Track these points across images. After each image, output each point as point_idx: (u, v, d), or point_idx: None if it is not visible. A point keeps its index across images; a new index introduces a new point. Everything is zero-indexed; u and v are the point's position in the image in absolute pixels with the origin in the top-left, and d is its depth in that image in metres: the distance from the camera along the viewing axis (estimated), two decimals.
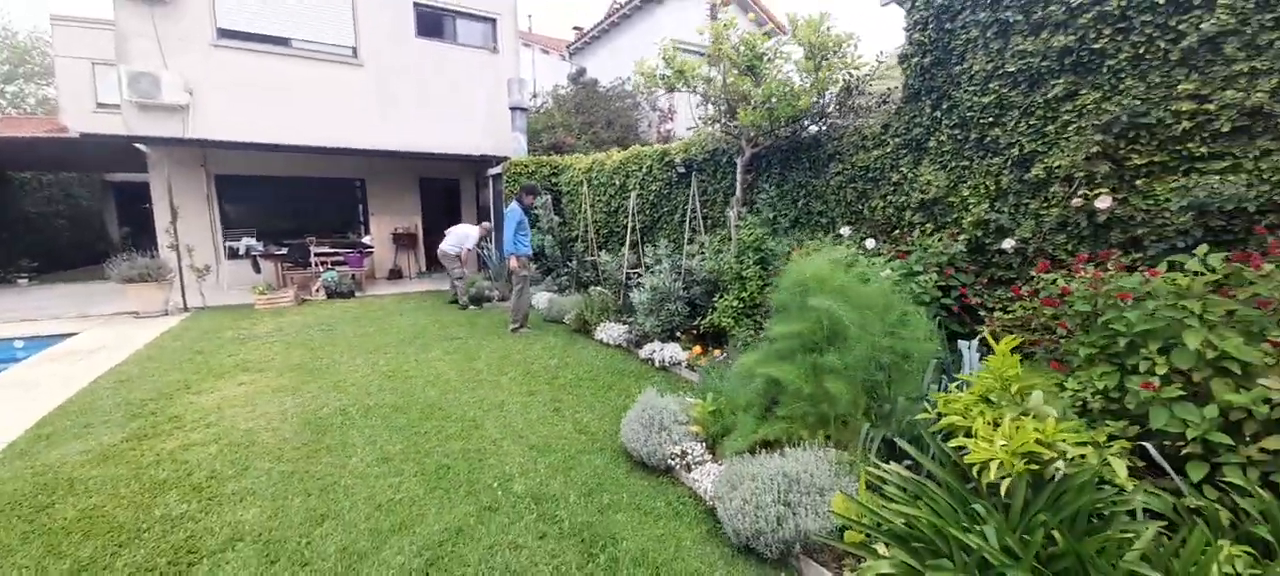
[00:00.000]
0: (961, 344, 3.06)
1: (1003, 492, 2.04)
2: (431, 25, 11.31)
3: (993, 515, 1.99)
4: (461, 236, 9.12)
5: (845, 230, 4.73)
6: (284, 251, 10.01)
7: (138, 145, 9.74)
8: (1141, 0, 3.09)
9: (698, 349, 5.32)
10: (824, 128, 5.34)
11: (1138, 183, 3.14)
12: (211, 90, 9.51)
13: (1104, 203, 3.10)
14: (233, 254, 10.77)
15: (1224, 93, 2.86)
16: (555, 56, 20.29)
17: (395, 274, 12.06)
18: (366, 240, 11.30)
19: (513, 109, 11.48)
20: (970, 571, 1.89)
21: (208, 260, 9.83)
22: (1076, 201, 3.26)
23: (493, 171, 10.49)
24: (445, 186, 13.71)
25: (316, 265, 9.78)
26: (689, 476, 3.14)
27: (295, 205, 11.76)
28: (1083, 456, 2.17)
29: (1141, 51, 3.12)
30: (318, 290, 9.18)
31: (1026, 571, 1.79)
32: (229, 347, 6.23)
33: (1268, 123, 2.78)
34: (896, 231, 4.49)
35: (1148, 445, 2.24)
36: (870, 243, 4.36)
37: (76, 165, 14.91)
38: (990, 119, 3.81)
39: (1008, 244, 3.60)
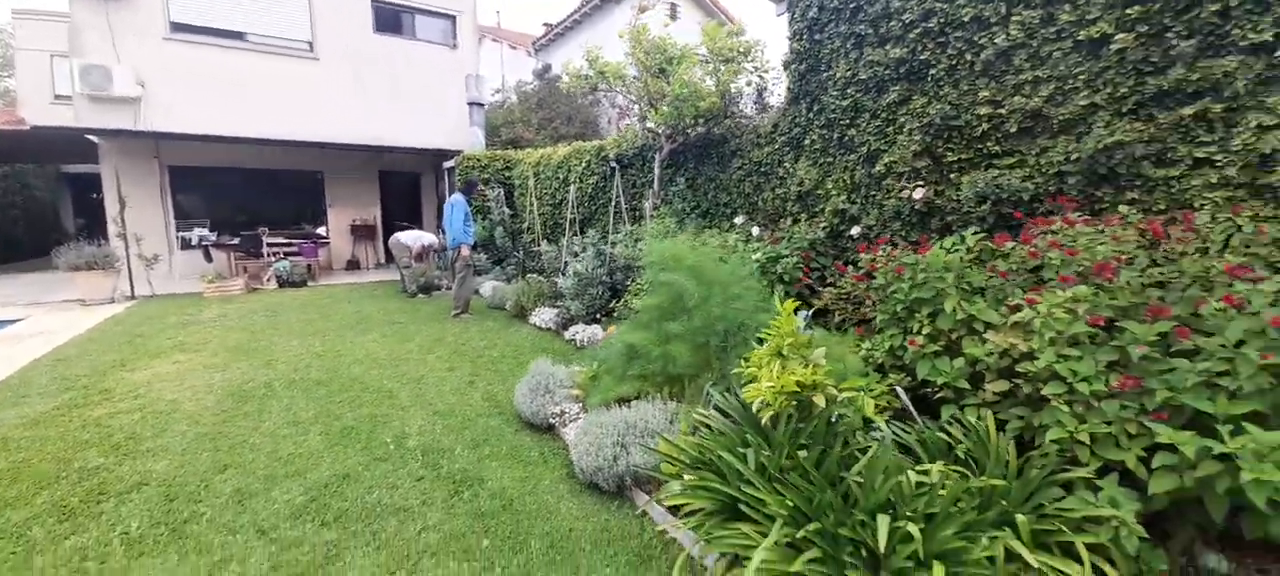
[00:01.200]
0: (799, 315, 3.52)
1: (765, 422, 2.49)
2: (390, 21, 11.55)
3: (756, 442, 2.44)
4: (419, 236, 9.40)
5: (739, 219, 5.19)
6: (236, 242, 10.20)
7: (89, 137, 9.86)
8: (955, 18, 3.58)
9: (613, 328, 5.74)
10: (729, 127, 5.80)
11: (950, 176, 3.64)
12: (164, 83, 9.67)
13: (918, 194, 3.60)
14: (186, 244, 10.91)
15: (1013, 99, 3.36)
16: (522, 52, 20.55)
17: (353, 265, 12.29)
18: (321, 231, 11.50)
19: (470, 104, 11.80)
20: (735, 483, 2.34)
21: (159, 250, 9.97)
22: (904, 193, 3.75)
23: (448, 165, 10.79)
24: (406, 179, 13.95)
25: (269, 255, 9.99)
26: (564, 431, 3.56)
27: (252, 197, 11.92)
28: (850, 398, 2.64)
29: (954, 63, 3.62)
30: (269, 279, 9.41)
31: (768, 481, 2.25)
32: (169, 331, 6.48)
33: (1045, 124, 3.28)
34: (781, 220, 4.96)
35: (898, 389, 2.71)
36: (755, 230, 4.83)
37: (33, 156, 14.81)
38: (847, 120, 4.29)
39: (855, 230, 4.09)
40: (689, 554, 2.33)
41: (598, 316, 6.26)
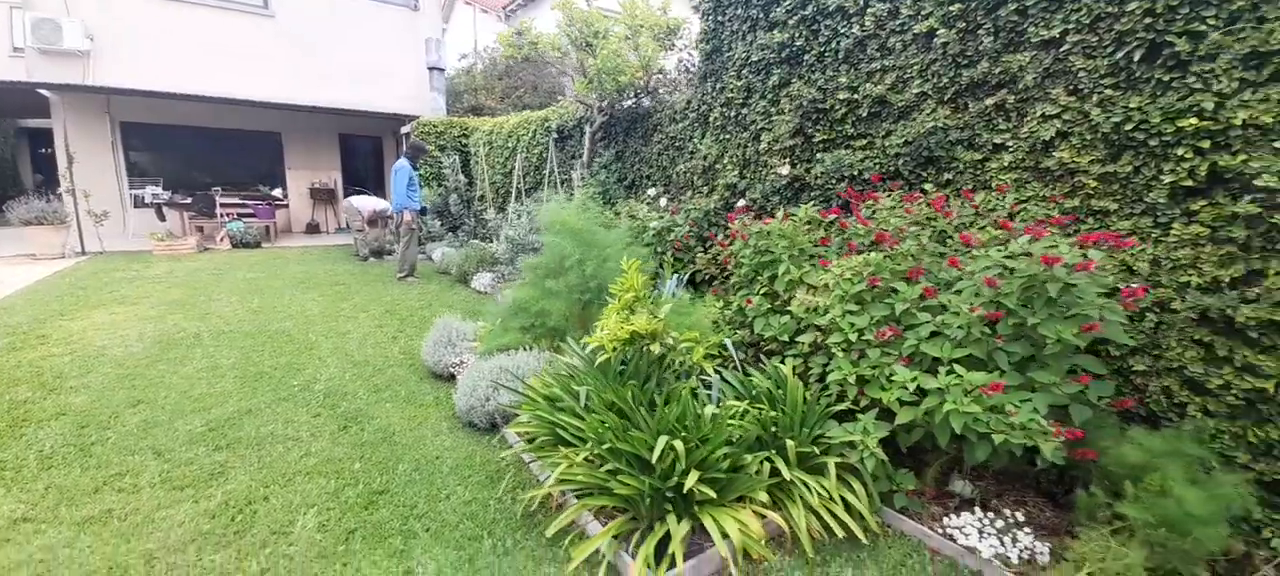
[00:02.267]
0: (672, 277, 3.90)
1: (598, 364, 2.87)
2: None
3: (594, 381, 2.82)
4: (372, 202, 9.60)
5: (652, 191, 5.52)
6: (189, 201, 10.29)
7: (41, 91, 9.80)
8: (825, 6, 3.88)
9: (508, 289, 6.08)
10: (651, 102, 6.07)
11: (816, 155, 3.99)
12: (114, 37, 9.61)
13: (784, 170, 3.95)
14: (139, 203, 10.96)
15: (866, 85, 3.70)
16: (494, 16, 20.31)
17: (313, 228, 12.42)
18: (277, 193, 11.59)
19: (431, 68, 11.83)
20: (574, 412, 2.72)
21: (110, 207, 10.02)
22: (777, 170, 4.10)
23: (405, 130, 10.89)
24: (368, 143, 13.98)
25: (222, 216, 10.11)
26: (459, 379, 3.93)
27: (208, 156, 11.92)
28: (687, 347, 3.02)
29: (824, 50, 3.93)
30: (222, 240, 9.56)
31: (590, 413, 2.63)
32: (113, 286, 6.70)
33: (888, 110, 3.63)
34: (687, 192, 5.30)
35: (727, 341, 3.10)
36: (663, 201, 5.16)
37: None
38: (742, 99, 4.60)
39: (740, 203, 4.44)
40: (530, 471, 2.73)
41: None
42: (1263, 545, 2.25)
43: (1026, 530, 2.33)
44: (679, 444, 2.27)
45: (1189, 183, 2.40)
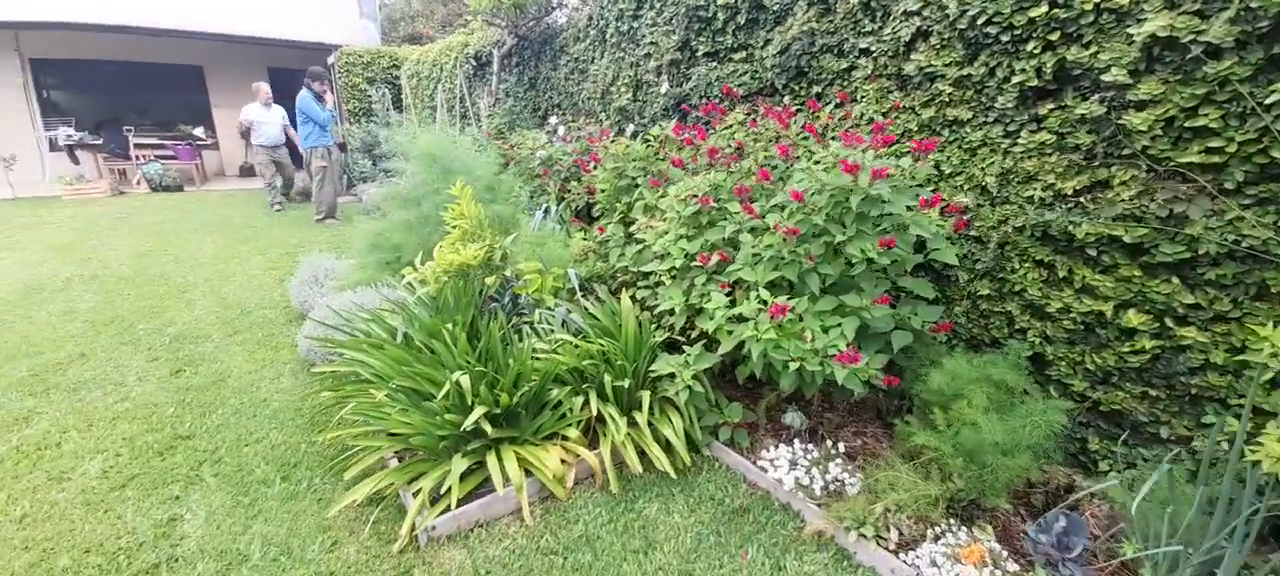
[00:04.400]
0: (541, 210, 3.65)
1: (420, 296, 2.67)
2: None
3: (414, 315, 2.62)
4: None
5: (553, 119, 5.16)
6: (101, 142, 9.67)
7: None
8: None
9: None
10: (565, 19, 5.60)
11: (699, 70, 3.66)
12: None
13: (665, 87, 3.63)
14: (55, 145, 10.32)
15: None
16: None
17: (248, 171, 11.83)
18: (199, 132, 10.95)
19: None
20: (383, 348, 2.54)
21: (19, 150, 9.42)
22: (659, 88, 3.78)
23: (330, 61, 10.21)
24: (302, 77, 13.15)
25: (138, 158, 9.52)
26: (306, 319, 3.71)
27: (130, 93, 11.16)
28: (530, 278, 2.81)
29: None
30: (138, 183, 9.05)
31: (408, 347, 2.44)
32: (5, 232, 6.31)
33: (765, 14, 3.27)
34: (585, 118, 4.95)
35: (571, 271, 2.89)
36: (562, 129, 4.82)
37: None
38: (634, 10, 4.20)
39: (630, 128, 4.14)
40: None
41: None
42: (1101, 478, 2.15)
43: (841, 461, 2.22)
44: (465, 380, 2.09)
45: (1036, 82, 2.16)
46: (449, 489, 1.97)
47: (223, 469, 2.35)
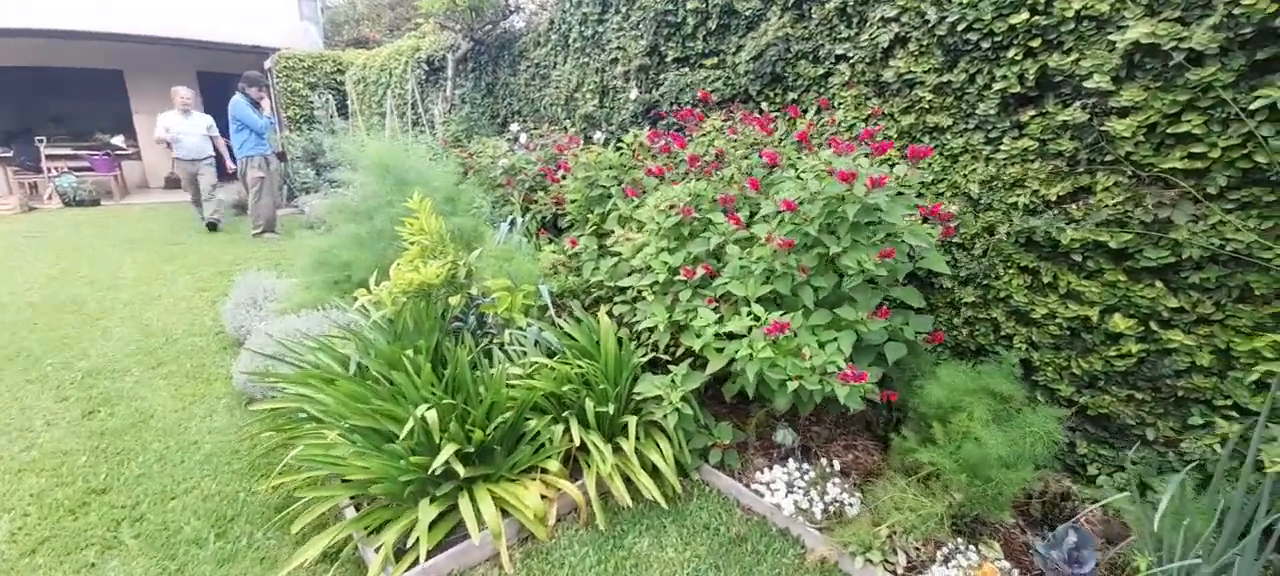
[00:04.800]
0: (505, 222, 3.44)
1: (377, 319, 2.42)
2: None
3: (367, 341, 2.37)
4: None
5: (515, 126, 4.94)
6: (10, 154, 8.72)
7: None
8: None
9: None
10: (524, 22, 5.40)
11: (669, 77, 3.55)
12: None
13: (634, 93, 3.50)
14: None
15: None
16: None
17: (173, 182, 10.95)
18: (118, 141, 10.07)
19: None
20: (334, 382, 2.27)
21: None
22: (629, 94, 3.64)
23: (267, 65, 9.58)
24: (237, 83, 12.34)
25: (50, 170, 8.64)
26: (243, 348, 3.36)
27: (43, 101, 10.11)
28: (498, 297, 2.60)
29: None
30: (50, 197, 8.20)
31: (361, 378, 2.19)
32: None
33: (737, 20, 3.19)
34: (549, 125, 4.77)
35: (542, 288, 2.71)
36: (523, 137, 4.61)
37: None
38: (598, 14, 4.06)
39: (598, 136, 3.98)
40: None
41: None
42: (1089, 483, 2.14)
43: (837, 480, 2.13)
44: (432, 415, 1.87)
45: (1019, 89, 2.14)
46: (417, 540, 1.75)
47: (145, 527, 2.03)
